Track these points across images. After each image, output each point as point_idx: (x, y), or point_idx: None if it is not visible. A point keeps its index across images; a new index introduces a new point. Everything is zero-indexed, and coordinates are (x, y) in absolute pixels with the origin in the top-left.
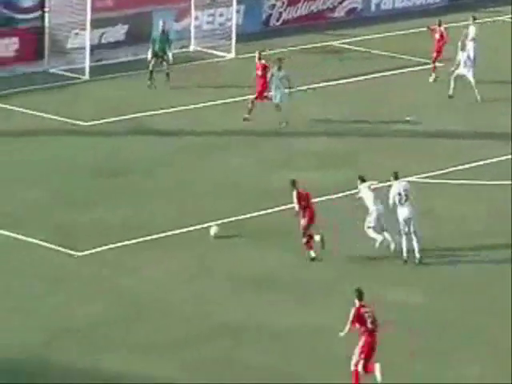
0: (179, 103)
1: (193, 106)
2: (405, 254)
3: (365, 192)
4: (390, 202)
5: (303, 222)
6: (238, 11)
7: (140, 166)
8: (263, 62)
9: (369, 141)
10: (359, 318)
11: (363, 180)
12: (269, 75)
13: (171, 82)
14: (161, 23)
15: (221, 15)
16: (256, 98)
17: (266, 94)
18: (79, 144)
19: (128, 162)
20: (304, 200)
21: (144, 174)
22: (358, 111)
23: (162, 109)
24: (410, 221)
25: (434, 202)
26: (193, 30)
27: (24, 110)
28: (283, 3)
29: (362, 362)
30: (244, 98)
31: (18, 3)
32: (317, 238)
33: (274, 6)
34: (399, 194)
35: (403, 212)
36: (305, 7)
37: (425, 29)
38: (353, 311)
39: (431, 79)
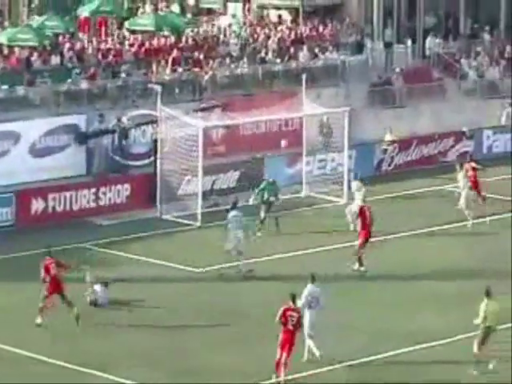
0: (289, 249)
1: (301, 252)
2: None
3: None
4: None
5: None
6: (349, 156)
7: (253, 312)
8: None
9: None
10: (283, 318)
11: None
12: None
13: (281, 229)
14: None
15: (332, 160)
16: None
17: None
18: (192, 290)
19: (240, 308)
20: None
21: (257, 320)
22: (472, 254)
23: (270, 255)
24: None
25: None
26: (304, 176)
27: (138, 257)
28: (395, 148)
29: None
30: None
31: (131, 150)
32: None
33: (386, 150)
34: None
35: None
36: (417, 152)
37: None
38: (280, 311)
39: None
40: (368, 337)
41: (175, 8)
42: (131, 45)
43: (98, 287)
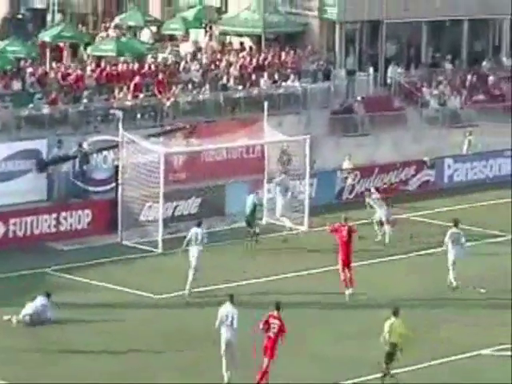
0: (252, 276)
1: (264, 279)
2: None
3: None
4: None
5: None
6: (310, 184)
7: (213, 337)
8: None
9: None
10: (266, 324)
11: None
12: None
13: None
14: (253, 195)
15: (293, 188)
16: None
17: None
18: (152, 316)
19: (200, 333)
20: None
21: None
22: (431, 284)
23: (234, 281)
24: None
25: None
26: (265, 203)
27: (98, 283)
28: (356, 176)
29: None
30: (317, 270)
31: (92, 175)
32: None
33: (346, 179)
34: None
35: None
36: (378, 180)
37: (501, 201)
38: (265, 317)
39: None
40: (334, 364)
41: (144, 35)
42: (93, 70)
43: (40, 300)
